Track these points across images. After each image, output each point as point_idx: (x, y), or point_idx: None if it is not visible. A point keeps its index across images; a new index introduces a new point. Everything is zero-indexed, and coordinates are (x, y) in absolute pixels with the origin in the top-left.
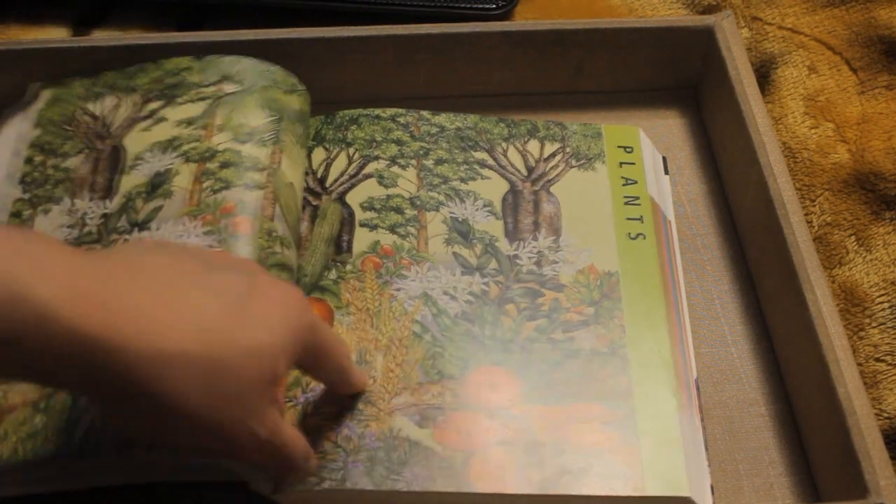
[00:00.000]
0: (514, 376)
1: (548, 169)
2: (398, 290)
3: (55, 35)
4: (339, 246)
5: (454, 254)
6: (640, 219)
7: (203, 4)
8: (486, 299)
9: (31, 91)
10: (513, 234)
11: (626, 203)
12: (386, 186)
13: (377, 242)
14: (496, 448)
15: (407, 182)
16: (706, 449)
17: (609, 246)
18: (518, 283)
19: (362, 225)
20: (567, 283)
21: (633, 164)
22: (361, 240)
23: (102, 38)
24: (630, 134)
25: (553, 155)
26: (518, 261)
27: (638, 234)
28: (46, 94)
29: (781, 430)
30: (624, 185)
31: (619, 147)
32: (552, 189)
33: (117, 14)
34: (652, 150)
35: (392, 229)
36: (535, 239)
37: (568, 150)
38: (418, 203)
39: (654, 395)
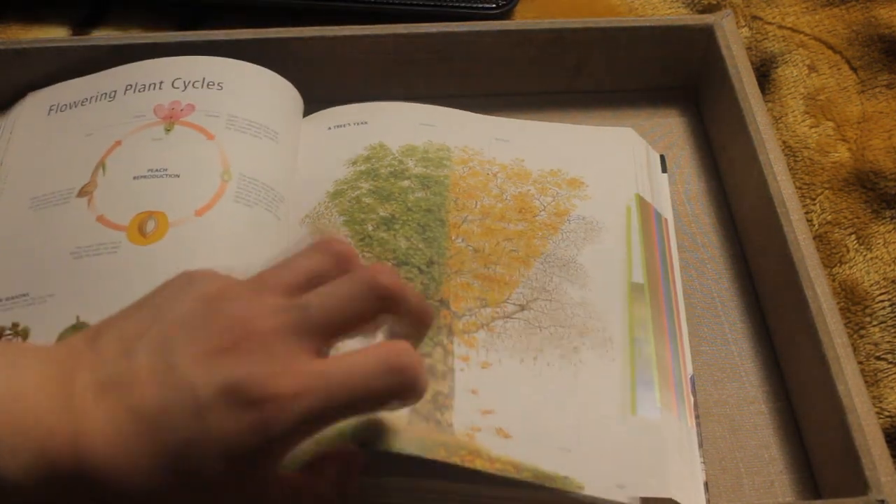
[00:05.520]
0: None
1: None
2: None
3: (55, 35)
4: None
5: None
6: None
7: (203, 4)
8: None
9: None
10: None
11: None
12: None
13: None
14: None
15: None
16: (700, 446)
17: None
18: None
19: None
20: None
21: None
22: None
23: (102, 37)
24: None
25: None
26: None
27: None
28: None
29: (782, 428)
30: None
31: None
32: None
33: (117, 14)
34: (646, 149)
35: None
36: None
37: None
38: None
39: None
